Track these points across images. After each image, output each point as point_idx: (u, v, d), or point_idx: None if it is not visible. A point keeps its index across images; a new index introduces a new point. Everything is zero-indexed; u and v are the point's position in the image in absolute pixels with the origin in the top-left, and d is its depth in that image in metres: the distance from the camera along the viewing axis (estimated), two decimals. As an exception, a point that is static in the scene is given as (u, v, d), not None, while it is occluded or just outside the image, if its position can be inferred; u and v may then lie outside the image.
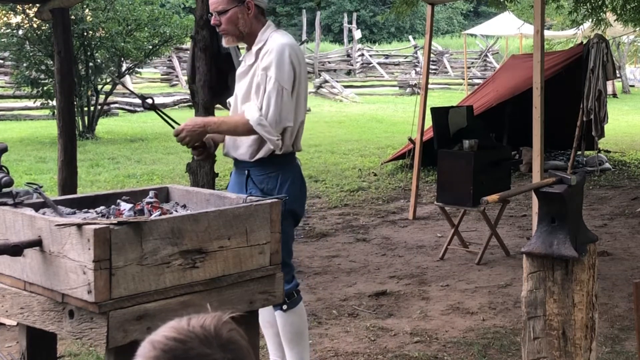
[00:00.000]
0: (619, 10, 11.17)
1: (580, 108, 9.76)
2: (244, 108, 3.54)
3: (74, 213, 2.92)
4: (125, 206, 2.95)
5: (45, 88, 13.71)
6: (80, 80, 13.63)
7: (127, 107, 18.72)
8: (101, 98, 14.77)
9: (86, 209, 2.99)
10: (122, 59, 15.03)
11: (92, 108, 14.38)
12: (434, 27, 20.60)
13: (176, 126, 3.54)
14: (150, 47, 14.94)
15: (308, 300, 5.19)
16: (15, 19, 13.97)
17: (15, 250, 2.58)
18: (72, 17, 11.67)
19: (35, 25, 13.33)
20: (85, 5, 13.65)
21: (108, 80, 14.43)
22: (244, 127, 3.48)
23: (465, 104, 9.65)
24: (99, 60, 14.44)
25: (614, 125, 14.62)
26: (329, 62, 28.60)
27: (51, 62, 12.69)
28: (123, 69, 15.57)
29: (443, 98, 20.64)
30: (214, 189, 5.29)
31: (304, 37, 27.41)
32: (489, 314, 5.12)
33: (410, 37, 33.25)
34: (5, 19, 14.07)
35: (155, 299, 2.58)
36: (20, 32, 13.78)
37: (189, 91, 6.76)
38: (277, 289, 2.96)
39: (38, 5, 6.17)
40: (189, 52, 6.41)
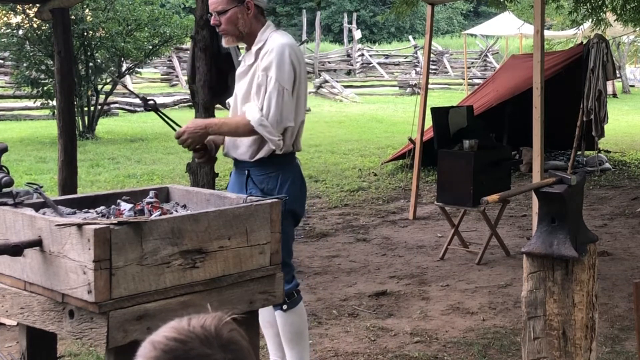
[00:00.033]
0: (619, 10, 11.17)
1: (580, 108, 9.76)
2: (245, 109, 3.53)
3: (74, 213, 2.92)
4: (125, 206, 2.95)
5: (45, 88, 13.71)
6: (80, 80, 13.63)
7: (127, 107, 18.72)
8: (101, 98, 14.77)
9: (86, 209, 2.99)
10: (122, 59, 15.03)
11: (92, 108, 14.38)
12: (434, 27, 20.59)
13: (177, 128, 3.55)
14: (150, 47, 14.94)
15: (308, 300, 5.19)
16: (15, 19, 13.96)
17: (15, 250, 2.58)
18: (72, 17, 11.67)
19: (35, 25, 13.33)
20: (85, 5, 13.65)
21: (108, 80, 14.43)
22: (245, 128, 3.49)
23: (465, 104, 9.65)
24: (99, 61, 14.44)
25: (614, 125, 14.61)
26: (329, 62, 28.60)
27: (51, 62, 12.69)
28: (123, 69, 15.57)
29: (443, 98, 20.64)
30: (214, 189, 5.29)
31: (304, 37, 27.40)
32: (489, 314, 5.12)
33: (410, 37, 33.26)
34: (5, 19, 14.07)
35: (155, 299, 2.58)
36: (20, 32, 13.78)
37: (189, 91, 6.76)
38: (277, 289, 2.95)
39: (38, 5, 6.17)
40: (189, 52, 6.41)
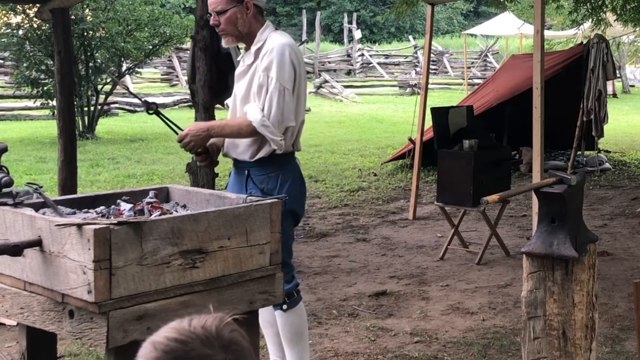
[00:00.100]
0: (619, 10, 11.17)
1: (580, 108, 9.75)
2: (246, 109, 3.53)
3: (74, 213, 2.92)
4: (125, 206, 2.95)
5: (45, 88, 13.71)
6: (80, 80, 13.63)
7: (127, 107, 18.72)
8: (101, 98, 14.77)
9: (86, 209, 2.99)
10: (122, 59, 15.03)
11: (92, 108, 14.38)
12: (434, 27, 20.56)
13: (179, 131, 3.55)
14: (150, 47, 14.94)
15: (308, 300, 5.19)
16: (15, 19, 13.96)
17: (15, 250, 2.58)
18: (72, 17, 11.67)
19: (35, 25, 13.33)
20: (85, 5, 13.65)
21: (108, 80, 14.43)
22: (247, 129, 3.48)
23: (465, 104, 9.65)
24: (99, 61, 14.44)
25: (614, 125, 14.61)
26: (329, 62, 28.60)
27: (51, 62, 12.69)
28: (123, 69, 15.57)
29: (443, 98, 20.64)
30: (214, 189, 5.28)
31: (304, 37, 27.42)
32: (489, 314, 5.12)
33: (410, 37, 33.26)
34: (5, 19, 14.07)
35: (155, 299, 2.58)
36: (20, 32, 13.78)
37: (189, 91, 6.76)
38: (277, 289, 2.95)
39: (38, 5, 6.17)
40: (189, 52, 6.41)
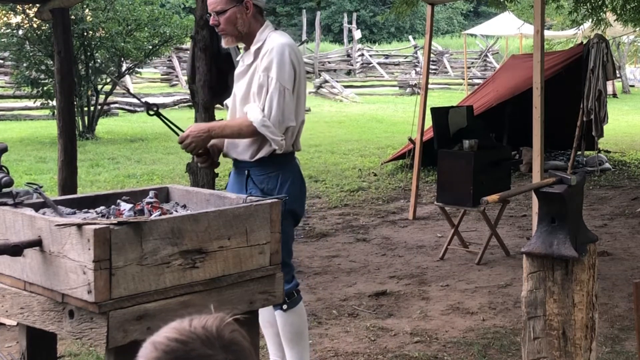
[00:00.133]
0: (619, 10, 11.17)
1: (580, 108, 9.76)
2: (246, 110, 3.53)
3: (74, 213, 2.92)
4: (125, 206, 2.95)
5: (45, 88, 13.71)
6: (80, 80, 13.63)
7: (127, 107, 18.72)
8: (101, 98, 14.77)
9: (86, 209, 2.99)
10: (122, 59, 15.03)
11: (92, 108, 14.39)
12: (434, 27, 20.59)
13: (180, 133, 3.55)
14: (150, 47, 14.94)
15: (308, 300, 5.19)
16: (15, 19, 13.97)
17: (15, 250, 2.58)
18: (72, 17, 11.67)
19: (35, 25, 13.33)
20: (85, 5, 13.65)
21: (108, 80, 14.43)
22: (248, 129, 3.48)
23: (465, 104, 9.65)
24: (98, 61, 14.44)
25: (614, 125, 14.61)
26: (329, 62, 28.60)
27: (51, 62, 12.69)
28: (123, 69, 15.57)
29: (443, 98, 20.64)
30: (214, 189, 5.29)
31: (304, 37, 27.42)
32: (489, 314, 5.12)
33: (410, 37, 33.26)
34: (5, 19, 14.07)
35: (155, 299, 2.58)
36: (20, 32, 13.78)
37: (189, 91, 6.76)
38: (277, 289, 2.95)
39: (38, 5, 6.17)
40: (189, 52, 6.41)
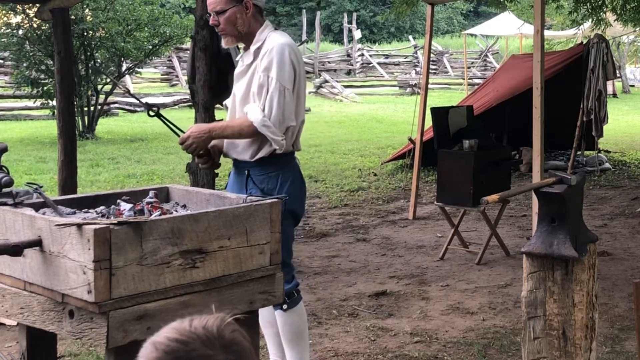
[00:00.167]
0: (619, 10, 11.17)
1: (580, 108, 9.76)
2: (246, 110, 3.53)
3: (74, 213, 2.92)
4: (125, 206, 2.95)
5: (45, 88, 13.71)
6: (80, 80, 13.63)
7: (127, 107, 18.72)
8: (101, 98, 14.77)
9: (86, 209, 2.99)
10: (122, 59, 15.03)
11: (92, 108, 14.39)
12: (434, 27, 20.59)
13: (181, 134, 3.55)
14: (150, 47, 14.94)
15: (308, 300, 5.19)
16: (15, 19, 13.97)
17: (15, 250, 2.58)
18: (72, 17, 11.67)
19: (35, 25, 13.33)
20: (85, 5, 13.65)
21: (108, 80, 14.43)
22: (248, 130, 3.48)
23: (465, 104, 9.65)
24: (99, 61, 14.43)
25: (614, 125, 14.61)
26: (329, 62, 28.60)
27: (51, 62, 12.69)
28: (123, 69, 15.57)
29: (443, 98, 20.64)
30: (214, 189, 5.28)
31: (304, 37, 27.43)
32: (489, 314, 5.12)
33: (410, 37, 33.25)
34: (5, 19, 14.07)
35: (155, 299, 2.58)
36: (20, 32, 13.78)
37: (189, 91, 6.76)
38: (277, 288, 2.95)
39: (38, 5, 6.17)
40: (189, 52, 6.41)
